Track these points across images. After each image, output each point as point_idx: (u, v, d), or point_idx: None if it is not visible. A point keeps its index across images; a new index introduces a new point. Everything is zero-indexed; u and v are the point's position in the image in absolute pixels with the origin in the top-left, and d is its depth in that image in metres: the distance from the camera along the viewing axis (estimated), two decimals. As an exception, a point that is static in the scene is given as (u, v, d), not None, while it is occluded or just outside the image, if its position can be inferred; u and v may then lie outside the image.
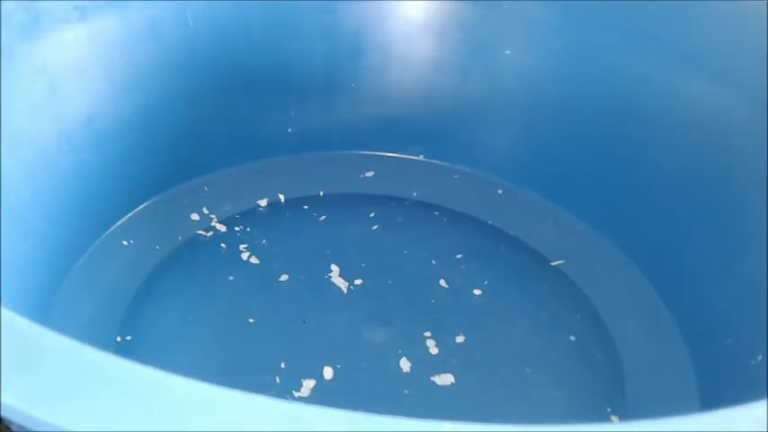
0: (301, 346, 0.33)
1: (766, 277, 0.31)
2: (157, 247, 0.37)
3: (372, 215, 0.40)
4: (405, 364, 0.33)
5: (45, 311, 0.33)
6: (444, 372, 0.33)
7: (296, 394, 0.31)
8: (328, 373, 0.32)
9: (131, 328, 0.33)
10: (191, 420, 0.15)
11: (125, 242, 0.37)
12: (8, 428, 0.20)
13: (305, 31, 0.42)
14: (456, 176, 0.43)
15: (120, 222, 0.38)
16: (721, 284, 0.34)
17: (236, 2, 0.40)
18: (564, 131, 0.41)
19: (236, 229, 0.39)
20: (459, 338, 0.34)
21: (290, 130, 0.43)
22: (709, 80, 0.36)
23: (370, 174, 0.43)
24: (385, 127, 0.44)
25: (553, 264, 0.38)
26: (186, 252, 0.37)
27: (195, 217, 0.39)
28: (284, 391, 0.31)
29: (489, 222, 0.40)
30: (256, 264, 0.37)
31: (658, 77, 0.37)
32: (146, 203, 0.39)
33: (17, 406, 0.15)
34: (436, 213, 0.41)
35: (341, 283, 0.36)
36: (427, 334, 0.34)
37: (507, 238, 0.40)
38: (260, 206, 0.40)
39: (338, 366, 0.32)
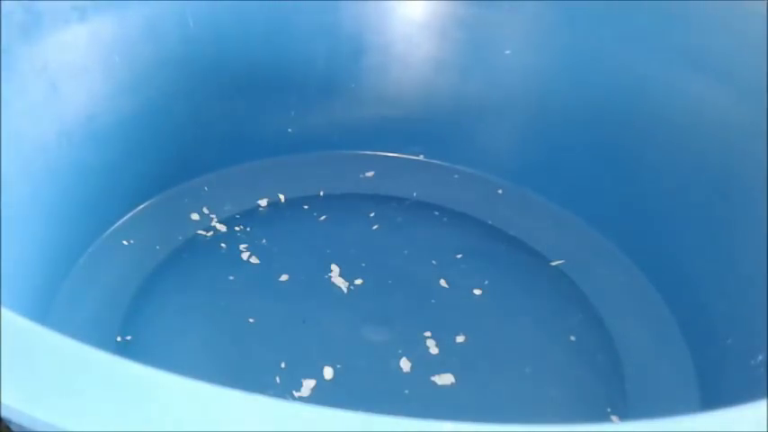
0: (301, 346, 0.33)
1: (766, 277, 0.31)
2: (157, 247, 0.37)
3: (372, 215, 0.40)
4: (405, 364, 0.33)
5: (45, 311, 0.33)
6: (444, 372, 0.33)
7: (296, 394, 0.31)
8: (328, 373, 0.32)
9: (131, 328, 0.33)
10: (191, 420, 0.15)
11: (125, 242, 0.37)
12: (8, 428, 0.20)
13: (305, 31, 0.42)
14: (456, 176, 0.43)
15: (120, 222, 0.38)
16: (721, 284, 0.34)
17: (235, 2, 0.40)
18: (564, 131, 0.41)
19: (236, 228, 0.39)
20: (460, 338, 0.34)
21: (290, 130, 0.43)
22: (710, 80, 0.36)
23: (370, 174, 0.43)
24: (385, 127, 0.44)
25: (553, 264, 0.38)
26: (186, 252, 0.37)
27: (195, 217, 0.39)
28: (284, 391, 0.31)
29: (489, 222, 0.40)
30: (256, 264, 0.37)
31: (658, 77, 0.37)
32: (146, 203, 0.39)
33: (17, 406, 0.15)
34: (436, 213, 0.41)
35: (341, 283, 0.36)
36: (427, 334, 0.34)
37: (507, 238, 0.40)
38: (260, 206, 0.40)
39: (338, 366, 0.32)
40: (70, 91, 0.35)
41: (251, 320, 0.34)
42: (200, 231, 0.39)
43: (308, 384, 0.31)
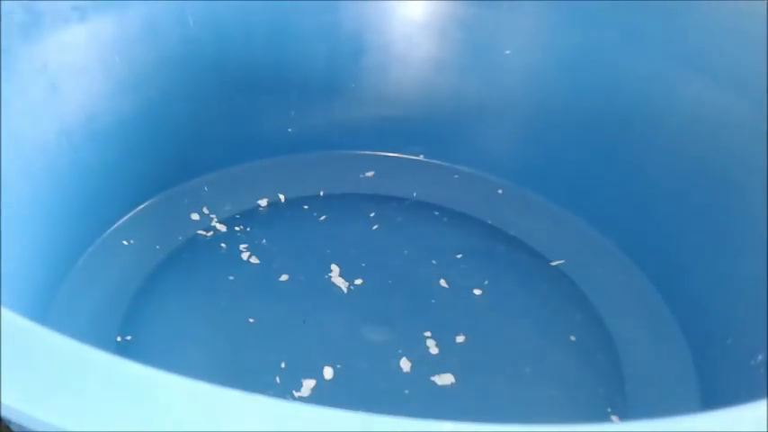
0: (301, 346, 0.33)
1: (766, 277, 0.31)
2: (157, 247, 0.37)
3: (372, 215, 0.40)
4: (405, 364, 0.33)
5: (45, 311, 0.33)
6: (444, 372, 0.33)
7: (296, 394, 0.31)
8: (328, 373, 0.32)
9: (131, 328, 0.33)
10: (191, 420, 0.15)
11: (125, 242, 0.37)
12: (8, 428, 0.20)
13: (305, 31, 0.42)
14: (456, 176, 0.43)
15: (120, 222, 0.38)
16: (721, 284, 0.34)
17: (236, 1, 0.40)
18: (564, 131, 0.41)
19: (236, 228, 0.39)
20: (460, 338, 0.34)
21: (290, 130, 0.43)
22: (710, 80, 0.36)
23: (370, 174, 0.43)
24: (385, 127, 0.44)
25: (553, 264, 0.38)
26: (186, 252, 0.37)
27: (195, 217, 0.39)
28: (284, 391, 0.31)
29: (489, 222, 0.40)
30: (256, 264, 0.37)
31: (658, 77, 0.37)
32: (146, 203, 0.39)
33: (17, 406, 0.15)
34: (436, 213, 0.41)
35: (341, 283, 0.36)
36: (427, 334, 0.34)
37: (507, 238, 0.40)
38: (260, 206, 0.40)
39: (338, 366, 0.32)
40: (70, 91, 0.35)
41: (251, 320, 0.34)
42: (200, 231, 0.39)
43: (308, 384, 0.31)
